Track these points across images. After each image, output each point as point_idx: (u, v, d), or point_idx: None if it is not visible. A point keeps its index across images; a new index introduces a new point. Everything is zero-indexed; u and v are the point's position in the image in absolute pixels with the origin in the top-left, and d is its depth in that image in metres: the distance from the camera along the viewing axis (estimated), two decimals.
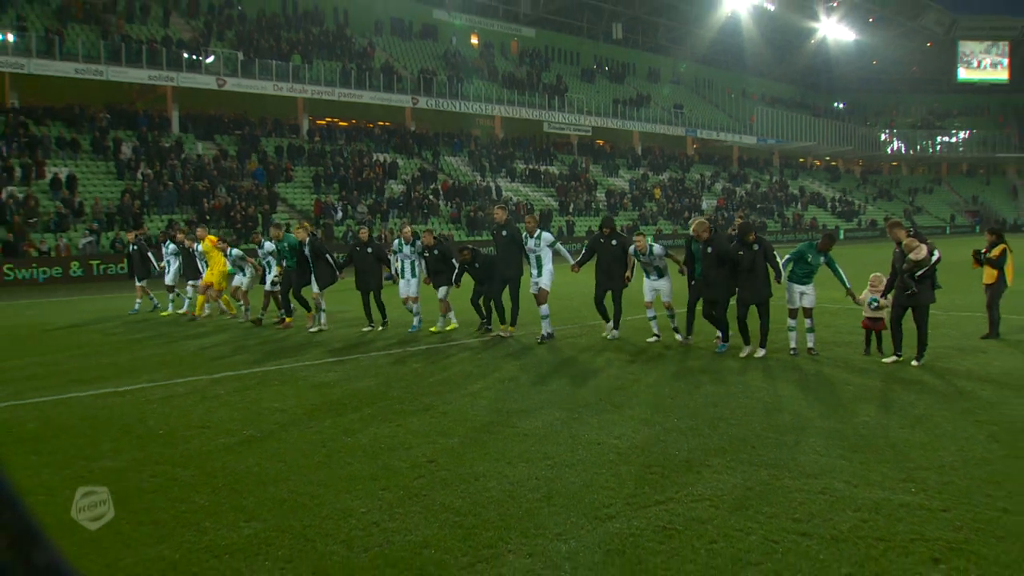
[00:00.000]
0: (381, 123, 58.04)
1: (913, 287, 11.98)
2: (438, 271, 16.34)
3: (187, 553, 5.72)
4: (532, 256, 15.08)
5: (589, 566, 5.39)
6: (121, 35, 46.04)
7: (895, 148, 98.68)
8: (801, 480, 6.96)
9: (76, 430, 9.30)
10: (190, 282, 20.45)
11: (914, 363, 11.94)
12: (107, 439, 8.84)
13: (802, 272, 13.09)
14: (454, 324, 16.70)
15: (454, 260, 16.21)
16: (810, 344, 13.11)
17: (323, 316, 17.25)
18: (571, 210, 54.97)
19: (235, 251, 19.30)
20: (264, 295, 18.72)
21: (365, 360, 13.48)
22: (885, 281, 12.74)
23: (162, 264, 21.46)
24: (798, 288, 13.15)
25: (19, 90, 43.44)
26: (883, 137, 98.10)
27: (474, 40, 69.24)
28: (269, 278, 18.33)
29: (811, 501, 6.45)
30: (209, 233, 20.59)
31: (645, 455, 7.80)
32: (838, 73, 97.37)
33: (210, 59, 48.03)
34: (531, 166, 60.84)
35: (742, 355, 12.85)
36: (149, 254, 21.51)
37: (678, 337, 14.46)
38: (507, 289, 15.57)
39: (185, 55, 47.03)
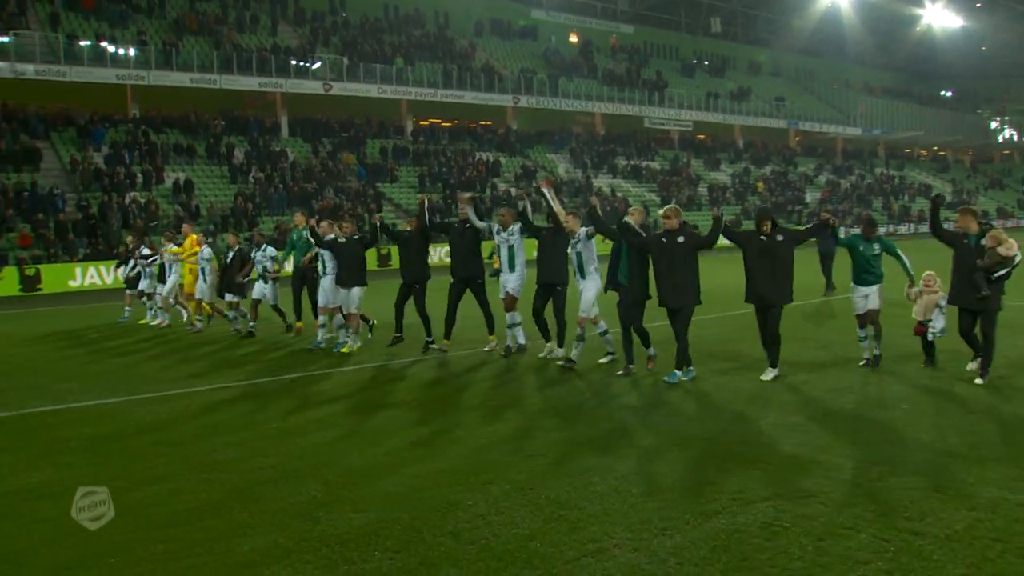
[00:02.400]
0: (483, 122, 58.52)
1: (985, 289, 10.25)
2: (351, 267, 14.53)
3: (301, 542, 6.00)
4: (504, 248, 13.57)
5: (695, 561, 5.45)
6: (232, 45, 47.48)
7: (1007, 136, 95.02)
8: (912, 478, 6.88)
9: (195, 423, 9.83)
10: (157, 292, 19.59)
11: (977, 381, 10.46)
12: (224, 432, 9.32)
13: (860, 270, 11.62)
14: (356, 346, 14.83)
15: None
16: (876, 351, 11.73)
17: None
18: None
19: (207, 250, 18.12)
20: (252, 304, 17.34)
21: (469, 358, 13.56)
22: (939, 281, 11.31)
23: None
24: (862, 290, 11.65)
25: (140, 101, 45.34)
26: (993, 125, 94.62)
27: (573, 38, 69.05)
28: (265, 287, 17.04)
29: (923, 499, 6.37)
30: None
31: (750, 450, 7.85)
32: (944, 60, 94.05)
33: (316, 65, 49.06)
34: (632, 162, 60.64)
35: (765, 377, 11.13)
36: (139, 264, 20.07)
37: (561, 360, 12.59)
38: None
39: (293, 62, 48.18)
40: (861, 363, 11.79)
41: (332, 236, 14.90)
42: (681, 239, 11.12)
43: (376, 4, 59.13)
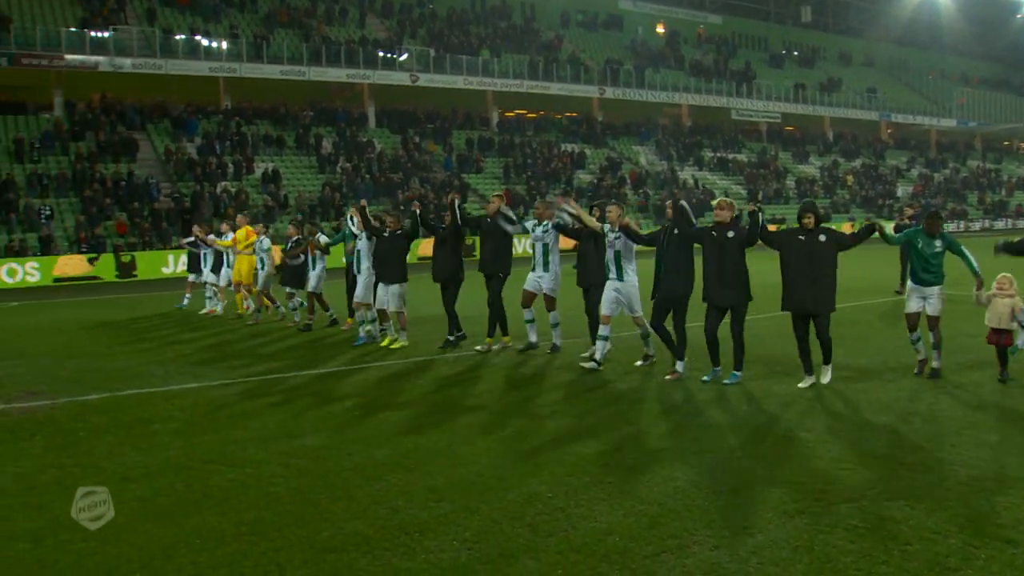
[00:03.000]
0: (568, 114, 58.43)
1: None
2: (391, 262, 13.97)
3: (380, 530, 6.06)
4: (538, 245, 12.99)
5: (776, 562, 5.35)
6: (322, 37, 48.26)
7: None
8: (1006, 483, 6.68)
9: (276, 410, 10.00)
10: (209, 281, 19.73)
11: None
12: (307, 418, 9.50)
13: (920, 267, 10.65)
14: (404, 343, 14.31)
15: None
16: (935, 363, 10.73)
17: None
18: (760, 198, 53.98)
19: (266, 240, 17.94)
20: (308, 296, 16.95)
21: (559, 349, 13.24)
22: (1015, 285, 10.25)
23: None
24: (920, 291, 10.68)
25: (231, 92, 46.43)
26: None
27: (660, 29, 68.49)
28: (313, 275, 16.64)
29: (1017, 506, 6.18)
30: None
31: (835, 450, 7.71)
32: None
33: (403, 56, 49.58)
34: (719, 154, 59.95)
35: (802, 385, 10.38)
36: (202, 251, 19.98)
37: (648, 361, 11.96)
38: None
39: (380, 54, 48.80)
40: (916, 370, 10.86)
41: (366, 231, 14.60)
42: (731, 234, 10.44)
43: None
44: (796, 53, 76.15)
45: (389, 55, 49.13)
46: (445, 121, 51.95)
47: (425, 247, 30.25)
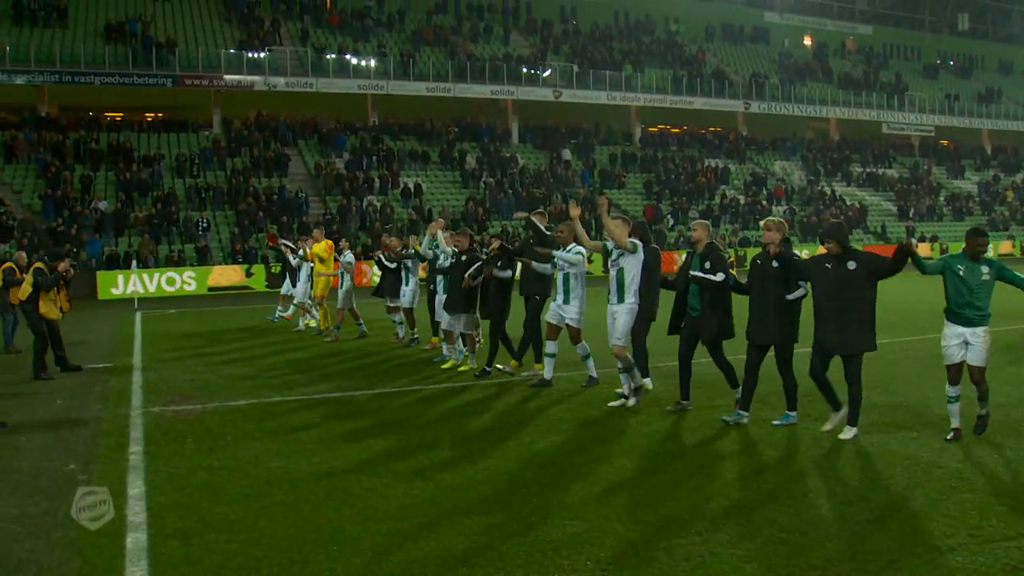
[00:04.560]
0: (712, 128, 57.77)
1: None
2: (456, 291, 13.40)
3: (514, 545, 6.06)
4: (560, 273, 11.72)
5: None
6: (466, 54, 49.09)
7: None
8: None
9: (417, 420, 10.24)
10: (292, 294, 20.00)
11: None
12: (444, 431, 9.62)
13: (960, 302, 8.60)
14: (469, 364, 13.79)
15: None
16: (982, 410, 8.91)
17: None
18: (911, 215, 52.21)
19: (348, 255, 17.97)
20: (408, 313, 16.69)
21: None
22: None
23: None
24: (961, 333, 8.70)
25: (378, 109, 47.82)
26: None
27: (807, 41, 67.08)
28: (406, 291, 16.33)
29: None
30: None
31: (993, 483, 7.33)
32: None
33: (547, 73, 49.96)
34: (868, 169, 58.17)
35: (827, 428, 9.14)
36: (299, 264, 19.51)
37: (625, 401, 10.73)
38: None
39: (524, 70, 49.34)
40: (948, 436, 8.75)
41: (451, 250, 13.95)
42: (776, 263, 9.15)
43: (606, 11, 59.69)
44: (952, 63, 73.25)
45: (532, 71, 49.62)
46: (588, 136, 52.09)
47: None
